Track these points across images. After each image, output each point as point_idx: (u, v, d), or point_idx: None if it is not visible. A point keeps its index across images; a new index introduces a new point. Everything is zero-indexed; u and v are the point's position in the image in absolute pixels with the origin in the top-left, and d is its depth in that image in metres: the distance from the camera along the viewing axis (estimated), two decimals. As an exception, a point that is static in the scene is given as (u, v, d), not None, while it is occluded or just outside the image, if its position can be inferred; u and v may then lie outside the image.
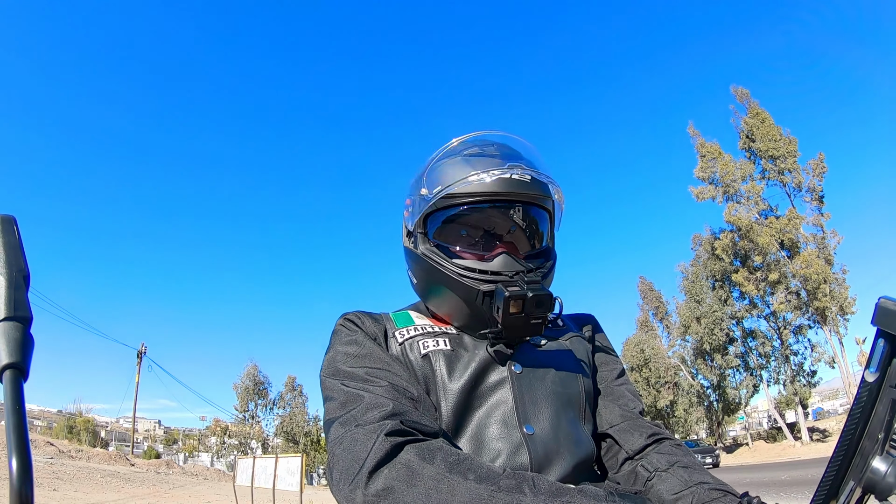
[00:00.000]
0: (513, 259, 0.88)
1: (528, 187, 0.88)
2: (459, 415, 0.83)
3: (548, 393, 0.87)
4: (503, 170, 0.86)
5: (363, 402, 0.73)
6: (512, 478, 0.62)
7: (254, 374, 39.64)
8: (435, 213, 0.91)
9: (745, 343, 29.52)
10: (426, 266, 0.91)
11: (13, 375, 0.41)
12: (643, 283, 39.04)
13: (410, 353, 0.88)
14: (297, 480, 11.26)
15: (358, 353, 0.84)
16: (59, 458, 19.64)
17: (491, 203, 0.89)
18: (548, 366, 0.90)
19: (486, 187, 0.86)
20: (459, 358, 0.87)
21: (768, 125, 26.04)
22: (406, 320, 0.95)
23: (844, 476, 0.54)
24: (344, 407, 0.74)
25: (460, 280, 0.86)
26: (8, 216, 0.49)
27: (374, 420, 0.68)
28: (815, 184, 25.22)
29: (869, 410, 0.53)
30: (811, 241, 24.79)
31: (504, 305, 0.81)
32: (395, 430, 0.66)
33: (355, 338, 0.87)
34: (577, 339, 0.99)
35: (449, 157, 0.93)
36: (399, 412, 0.70)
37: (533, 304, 0.81)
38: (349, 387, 0.77)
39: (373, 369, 0.80)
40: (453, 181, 0.87)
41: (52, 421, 36.30)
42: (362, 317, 0.92)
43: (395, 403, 0.72)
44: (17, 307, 0.44)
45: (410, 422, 0.69)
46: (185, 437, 52.32)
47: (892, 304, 0.50)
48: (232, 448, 40.08)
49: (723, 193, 26.36)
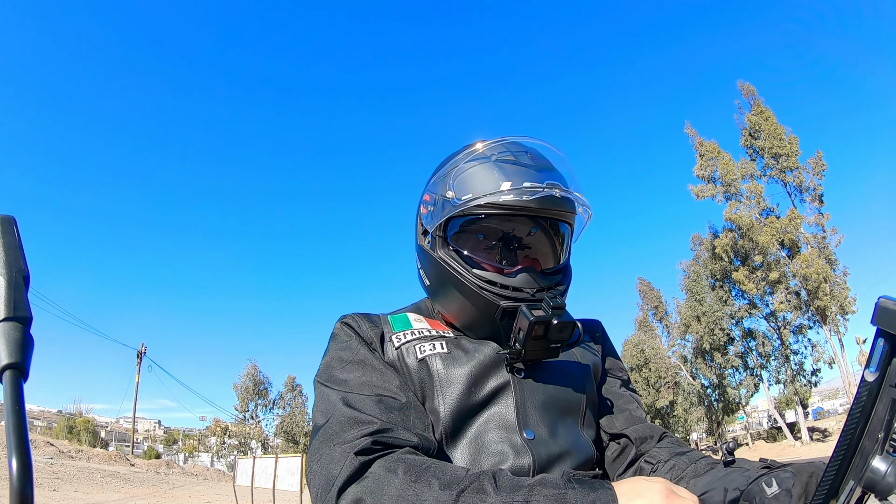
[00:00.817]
0: (535, 276, 0.87)
1: (561, 204, 0.87)
2: (459, 419, 0.83)
3: (549, 399, 0.87)
4: (541, 186, 0.84)
5: (346, 416, 0.74)
6: (474, 479, 0.63)
7: (254, 374, 39.70)
8: (458, 217, 0.89)
9: (744, 343, 29.54)
10: (444, 272, 0.90)
11: (13, 376, 0.41)
12: (642, 283, 39.08)
13: (407, 358, 0.87)
14: (297, 480, 11.27)
15: (351, 359, 0.84)
16: (59, 458, 19.65)
17: (527, 216, 0.88)
18: (551, 372, 0.90)
19: (521, 203, 0.84)
20: (457, 362, 0.87)
21: (772, 123, 26.05)
22: (404, 323, 0.94)
23: (844, 475, 0.54)
24: (326, 417, 0.76)
25: (480, 293, 0.86)
26: (8, 216, 0.49)
27: (350, 440, 0.70)
28: (816, 182, 25.25)
29: (869, 410, 0.53)
30: (812, 240, 24.80)
31: (528, 330, 0.80)
32: (365, 449, 0.68)
33: (349, 343, 0.87)
34: (583, 346, 0.99)
35: (479, 162, 0.89)
36: (377, 430, 0.71)
37: (556, 331, 0.81)
38: (337, 397, 0.78)
39: (363, 378, 0.81)
40: (486, 191, 0.85)
41: (52, 421, 36.33)
42: (359, 320, 0.91)
43: (376, 418, 0.73)
44: (17, 307, 0.44)
45: (386, 438, 0.71)
46: (185, 438, 52.31)
47: (891, 304, 0.50)
48: (232, 448, 40.12)
49: (723, 192, 26.37)
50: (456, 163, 0.92)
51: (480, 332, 0.90)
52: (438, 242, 0.91)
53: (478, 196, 0.85)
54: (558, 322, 0.80)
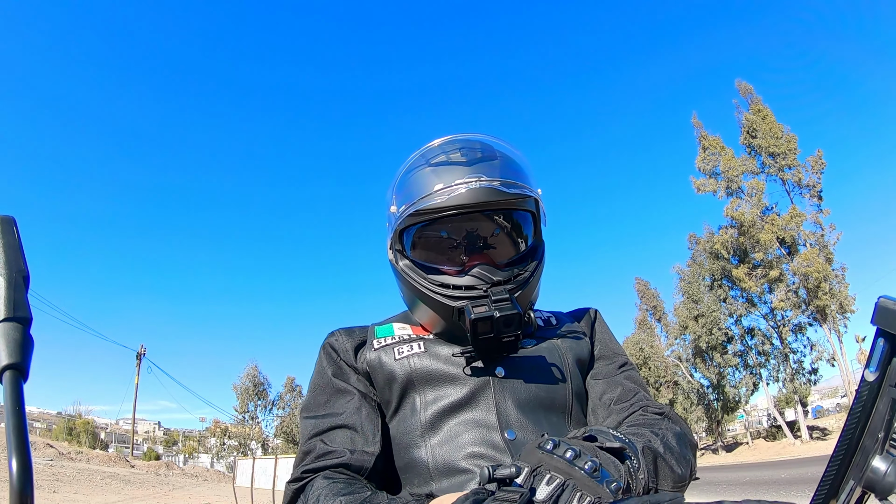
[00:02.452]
0: (487, 271, 0.86)
1: (499, 194, 0.84)
2: (436, 419, 0.84)
3: (531, 398, 0.85)
4: (468, 180, 0.83)
5: (303, 446, 0.84)
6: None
7: (254, 375, 39.62)
8: (409, 227, 0.90)
9: (743, 341, 29.54)
10: (407, 282, 0.91)
11: (13, 376, 0.41)
12: (639, 283, 39.09)
13: (385, 358, 0.89)
14: (297, 481, 11.23)
15: (319, 383, 0.92)
16: (59, 459, 19.62)
17: (458, 214, 0.86)
18: (533, 368, 0.88)
19: (454, 200, 0.83)
20: (434, 363, 0.87)
21: (770, 122, 26.02)
22: (387, 331, 0.95)
23: (845, 475, 0.54)
24: (298, 447, 0.87)
25: (435, 297, 0.86)
26: (8, 217, 0.49)
27: (296, 471, 0.81)
28: (815, 180, 25.24)
29: (869, 409, 0.53)
30: (812, 238, 24.80)
31: (472, 328, 0.80)
32: (295, 479, 0.79)
33: (322, 367, 0.93)
34: (570, 337, 0.96)
35: (416, 169, 0.90)
36: (316, 457, 0.80)
37: (501, 325, 0.79)
38: (306, 425, 0.87)
39: (325, 404, 0.89)
40: (419, 196, 0.85)
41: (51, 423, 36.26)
42: (338, 334, 0.96)
43: (321, 446, 0.82)
44: (17, 308, 0.44)
45: (319, 466, 0.79)
46: (184, 439, 52.28)
47: (891, 304, 0.50)
48: (232, 449, 40.04)
49: (724, 188, 26.33)
50: (397, 175, 0.94)
51: (452, 338, 0.90)
52: (398, 256, 0.93)
53: (413, 203, 0.85)
54: (500, 316, 0.79)
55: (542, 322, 0.99)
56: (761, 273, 26.29)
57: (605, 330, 1.04)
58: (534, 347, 0.91)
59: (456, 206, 0.84)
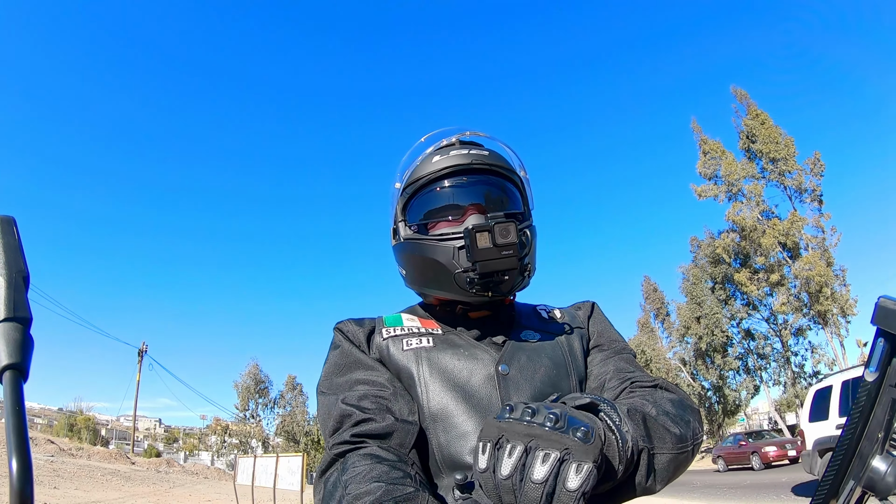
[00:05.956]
0: (482, 216, 0.91)
1: (488, 158, 0.95)
2: (443, 413, 0.84)
3: (536, 392, 0.87)
4: (461, 151, 0.94)
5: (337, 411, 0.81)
6: None
7: (255, 373, 39.65)
8: (410, 201, 0.97)
9: (744, 344, 29.50)
10: (410, 246, 0.94)
11: (13, 376, 0.41)
12: (648, 283, 38.88)
13: (393, 348, 0.91)
14: (297, 480, 11.28)
15: (345, 363, 0.90)
16: (60, 456, 19.68)
17: (454, 175, 0.94)
18: (536, 364, 0.90)
19: (448, 161, 0.93)
20: (442, 357, 0.89)
21: (768, 126, 25.97)
22: (395, 321, 0.97)
23: (844, 476, 0.54)
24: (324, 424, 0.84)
25: (438, 245, 0.89)
26: (8, 217, 0.49)
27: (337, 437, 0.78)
28: (815, 183, 25.18)
29: (869, 410, 0.53)
30: (813, 242, 24.74)
31: (472, 240, 0.83)
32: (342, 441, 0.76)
33: (341, 347, 0.93)
34: (572, 331, 0.99)
35: (416, 149, 1.02)
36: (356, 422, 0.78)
37: (500, 235, 0.83)
38: (329, 400, 0.85)
39: (351, 376, 0.87)
40: (418, 164, 0.97)
41: (52, 419, 36.40)
42: (348, 323, 0.97)
43: (358, 413, 0.79)
44: (17, 308, 0.44)
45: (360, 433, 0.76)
46: (185, 436, 52.37)
47: (891, 304, 0.50)
48: (232, 447, 40.12)
49: (725, 192, 26.30)
50: (400, 163, 1.05)
51: (452, 288, 0.90)
52: (401, 228, 0.98)
53: (413, 170, 0.96)
54: (496, 223, 0.82)
55: (546, 316, 1.02)
56: (763, 277, 26.24)
57: (604, 320, 1.06)
58: (538, 342, 0.94)
59: (450, 167, 0.93)
